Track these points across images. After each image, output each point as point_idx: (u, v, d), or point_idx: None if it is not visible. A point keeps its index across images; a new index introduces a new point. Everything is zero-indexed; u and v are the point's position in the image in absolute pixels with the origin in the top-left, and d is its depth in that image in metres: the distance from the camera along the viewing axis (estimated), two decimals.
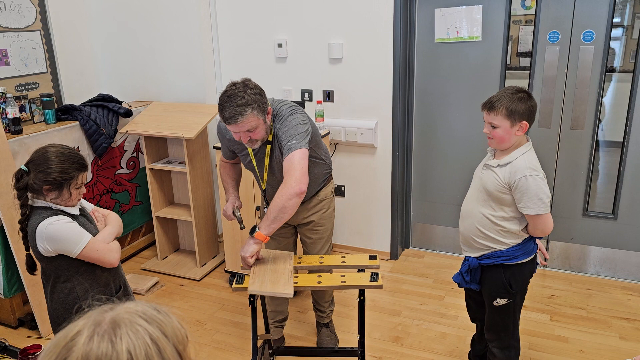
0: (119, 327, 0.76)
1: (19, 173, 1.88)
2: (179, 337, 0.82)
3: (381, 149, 3.66)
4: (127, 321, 0.77)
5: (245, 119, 2.12)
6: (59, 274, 1.97)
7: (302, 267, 2.39)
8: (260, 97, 2.17)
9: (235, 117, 2.11)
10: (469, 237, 2.22)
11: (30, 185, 1.86)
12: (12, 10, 3.33)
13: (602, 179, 3.41)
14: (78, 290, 1.98)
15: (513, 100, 2.04)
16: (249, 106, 2.11)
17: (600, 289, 3.36)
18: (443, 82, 3.53)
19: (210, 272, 3.75)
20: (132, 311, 0.80)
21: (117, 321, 0.77)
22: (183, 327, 0.84)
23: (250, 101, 2.12)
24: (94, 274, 2.00)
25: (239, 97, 2.11)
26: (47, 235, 1.85)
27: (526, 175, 2.01)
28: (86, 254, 1.91)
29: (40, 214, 1.88)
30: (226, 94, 2.14)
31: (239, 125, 2.14)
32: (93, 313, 0.79)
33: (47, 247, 1.87)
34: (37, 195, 1.89)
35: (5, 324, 3.14)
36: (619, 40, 3.17)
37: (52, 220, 1.86)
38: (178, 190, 3.94)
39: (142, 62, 3.94)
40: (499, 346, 2.31)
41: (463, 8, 3.33)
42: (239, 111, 2.10)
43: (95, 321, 0.77)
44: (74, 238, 1.88)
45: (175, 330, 0.82)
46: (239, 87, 2.14)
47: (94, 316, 0.79)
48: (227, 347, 2.93)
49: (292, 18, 3.63)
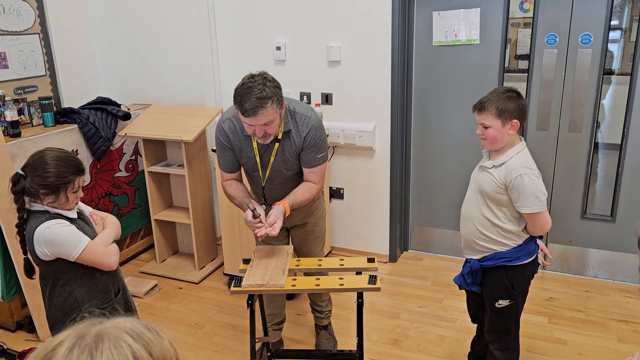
0: (102, 341, 0.74)
1: (16, 177, 1.87)
2: (166, 357, 0.79)
3: (380, 152, 3.66)
4: (112, 336, 0.76)
5: (266, 112, 2.11)
6: (57, 278, 1.96)
7: (300, 270, 2.40)
8: (278, 90, 2.18)
9: (255, 110, 2.09)
10: (471, 240, 2.23)
11: (27, 189, 1.85)
12: (11, 13, 3.34)
13: (600, 182, 3.42)
14: (77, 294, 1.97)
15: (502, 99, 2.06)
16: (270, 99, 2.11)
17: (599, 291, 3.36)
18: (441, 84, 3.54)
19: (209, 274, 3.74)
20: (120, 327, 0.78)
21: (101, 335, 0.76)
22: (174, 349, 0.81)
23: (271, 94, 2.11)
24: (93, 277, 1.99)
25: (259, 90, 2.10)
26: (45, 239, 1.85)
27: (521, 174, 2.03)
28: (84, 257, 1.90)
29: (37, 217, 1.88)
30: (245, 86, 2.12)
31: (257, 118, 2.12)
32: (80, 325, 0.78)
33: (45, 251, 1.87)
34: (34, 199, 1.88)
35: (4, 327, 3.13)
36: (617, 43, 3.18)
37: (50, 224, 1.85)
38: (177, 193, 3.94)
39: (141, 65, 3.94)
40: (499, 348, 2.30)
41: (461, 11, 3.34)
42: (260, 104, 2.09)
43: (80, 333, 0.76)
44: (72, 241, 1.88)
45: (164, 350, 0.79)
46: (258, 79, 2.13)
47: (79, 328, 0.77)
48: (226, 349, 2.93)
49: (290, 21, 3.64)
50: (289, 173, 2.43)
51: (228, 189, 2.49)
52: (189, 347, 2.95)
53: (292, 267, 2.32)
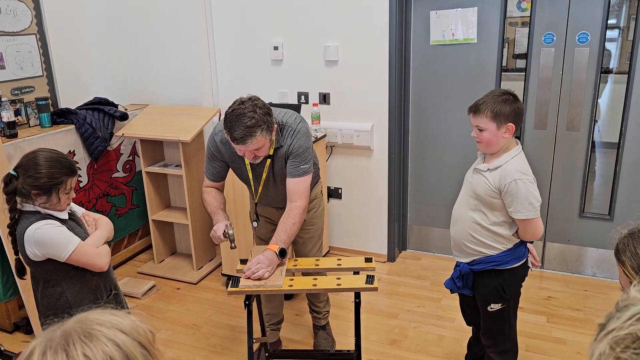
0: (70, 337, 0.76)
1: (8, 177, 1.87)
2: (139, 331, 0.81)
3: (377, 151, 3.66)
4: (78, 329, 0.77)
5: (255, 140, 2.12)
6: (48, 279, 1.96)
7: (297, 270, 2.39)
8: (268, 117, 2.16)
9: (244, 139, 2.10)
10: (460, 242, 2.22)
11: (19, 189, 1.85)
12: (8, 14, 3.33)
13: (598, 180, 3.42)
14: (68, 295, 1.97)
15: (498, 102, 2.03)
16: (259, 127, 2.11)
17: (598, 290, 3.36)
18: (439, 84, 3.53)
19: (207, 275, 3.74)
20: (84, 319, 0.79)
21: (68, 332, 0.77)
22: (144, 323, 0.83)
23: (260, 122, 2.11)
24: (83, 278, 1.99)
25: (248, 118, 2.09)
26: (35, 240, 1.85)
27: (516, 179, 2.01)
28: (75, 258, 1.90)
29: (28, 218, 1.88)
30: (234, 113, 2.12)
31: (247, 146, 2.14)
32: (45, 332, 0.79)
33: (36, 252, 1.87)
34: (26, 200, 1.89)
35: (1, 329, 3.13)
36: (614, 42, 3.18)
37: (40, 225, 1.85)
38: (174, 193, 3.94)
39: (138, 65, 3.93)
40: (496, 351, 2.29)
41: (458, 10, 3.33)
42: (249, 132, 2.09)
43: (47, 338, 0.77)
44: (62, 242, 1.88)
45: (134, 326, 0.81)
46: (248, 106, 2.12)
47: (45, 334, 0.78)
48: (224, 350, 2.92)
49: (288, 21, 3.63)
50: (282, 184, 2.44)
51: (206, 195, 2.49)
52: (187, 348, 2.94)
53: (290, 267, 2.32)
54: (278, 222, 2.36)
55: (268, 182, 2.45)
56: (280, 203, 2.50)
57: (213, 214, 2.42)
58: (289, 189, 2.36)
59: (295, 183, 2.35)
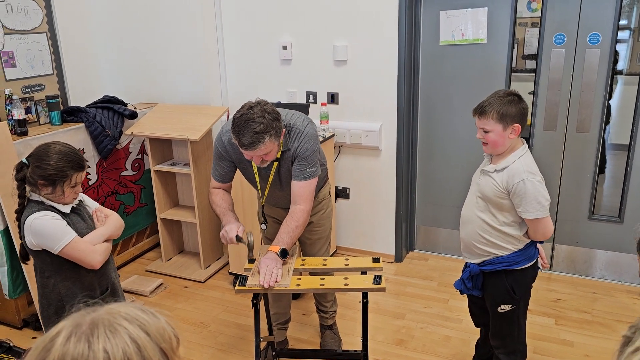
0: (97, 328, 0.77)
1: (19, 165, 1.94)
2: (164, 336, 0.80)
3: (386, 152, 3.65)
4: (106, 321, 0.78)
5: (263, 146, 2.10)
6: (43, 269, 2.02)
7: (305, 270, 2.39)
8: (277, 122, 2.14)
9: (253, 145, 2.08)
10: (470, 244, 2.21)
11: (28, 178, 1.92)
12: (19, 12, 3.35)
13: (608, 182, 3.39)
14: (60, 288, 2.01)
15: (503, 103, 2.02)
16: (267, 133, 2.08)
17: (606, 292, 3.34)
18: (448, 84, 3.52)
19: (215, 274, 3.75)
20: (114, 312, 0.80)
21: (96, 322, 0.78)
22: (171, 327, 0.83)
23: (269, 127, 2.08)
24: (77, 274, 2.02)
25: (257, 123, 2.06)
26: (32, 229, 1.90)
27: (524, 179, 2.00)
28: (67, 252, 1.93)
29: (32, 207, 1.93)
30: (243, 118, 2.09)
31: (255, 152, 2.13)
32: (76, 315, 0.80)
33: (32, 240, 1.92)
34: (33, 189, 1.94)
35: (10, 325, 3.15)
36: (625, 43, 3.15)
37: (39, 215, 1.91)
38: (182, 192, 3.95)
39: (148, 64, 3.95)
40: (505, 352, 2.28)
41: (468, 10, 3.32)
42: (257, 139, 2.07)
43: (75, 322, 0.78)
44: (57, 235, 1.91)
45: (160, 329, 0.81)
46: (257, 111, 2.09)
47: (75, 318, 0.79)
48: (231, 349, 2.93)
49: (296, 20, 3.63)
50: (288, 186, 2.43)
51: (214, 197, 2.46)
52: (194, 346, 2.95)
53: (297, 267, 2.32)
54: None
55: (275, 184, 2.44)
56: (288, 204, 2.50)
57: (222, 215, 2.39)
58: (294, 191, 2.35)
59: (300, 186, 2.33)
